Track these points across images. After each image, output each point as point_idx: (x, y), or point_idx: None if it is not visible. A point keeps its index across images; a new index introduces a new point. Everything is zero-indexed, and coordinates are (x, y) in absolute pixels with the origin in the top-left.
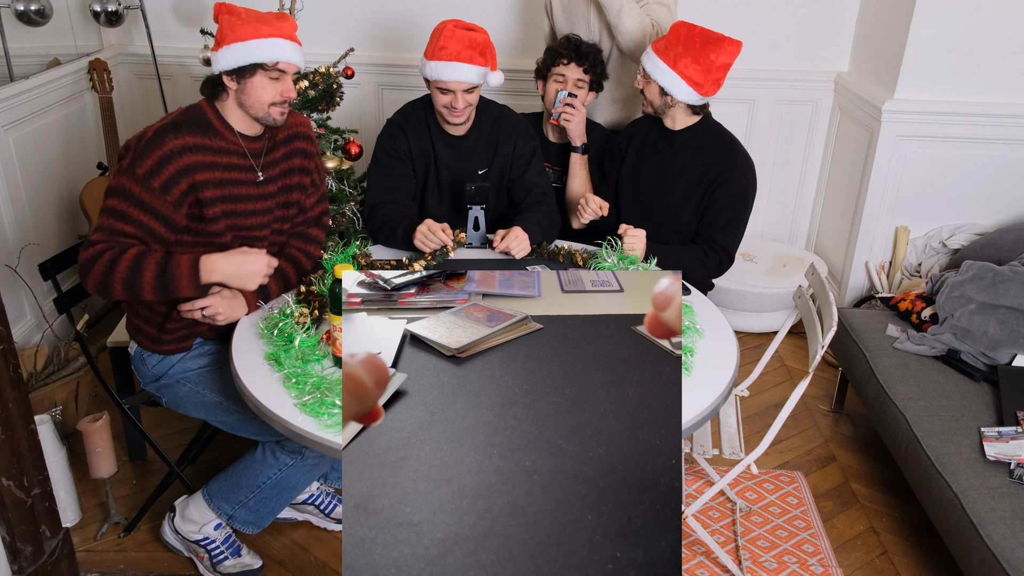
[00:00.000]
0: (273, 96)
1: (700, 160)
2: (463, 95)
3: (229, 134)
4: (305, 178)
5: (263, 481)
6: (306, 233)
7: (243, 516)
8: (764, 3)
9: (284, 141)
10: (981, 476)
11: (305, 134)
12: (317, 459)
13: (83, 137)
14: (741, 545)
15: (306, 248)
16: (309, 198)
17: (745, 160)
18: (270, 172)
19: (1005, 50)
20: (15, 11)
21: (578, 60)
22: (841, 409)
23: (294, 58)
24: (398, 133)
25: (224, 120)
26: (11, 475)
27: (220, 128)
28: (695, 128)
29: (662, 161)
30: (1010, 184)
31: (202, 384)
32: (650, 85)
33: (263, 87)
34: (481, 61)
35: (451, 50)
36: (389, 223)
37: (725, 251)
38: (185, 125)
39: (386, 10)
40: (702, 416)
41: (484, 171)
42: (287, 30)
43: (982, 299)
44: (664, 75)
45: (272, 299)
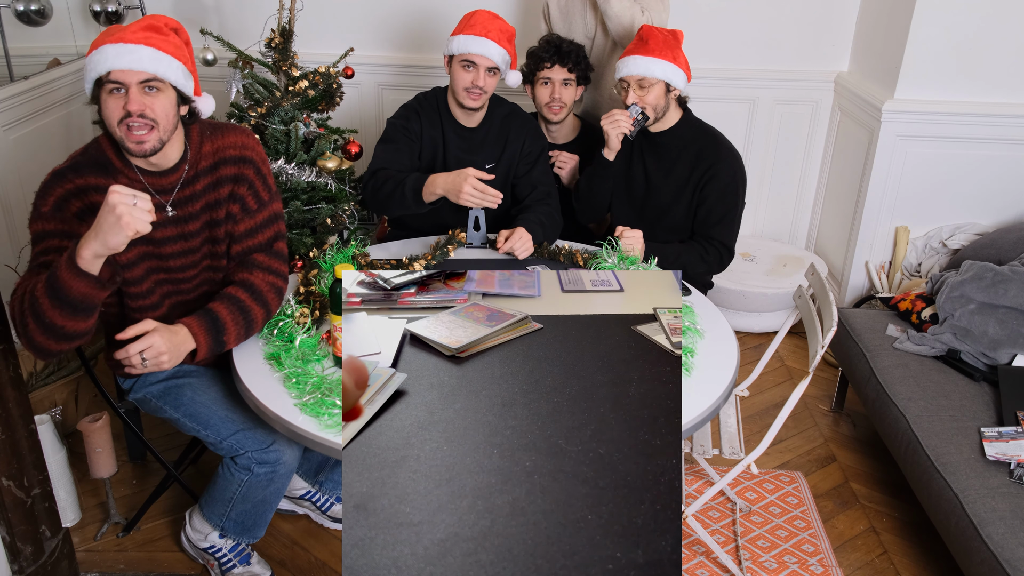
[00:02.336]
0: (117, 112)
1: (686, 159)
2: (485, 74)
3: (130, 172)
4: (234, 206)
5: (231, 496)
6: (252, 260)
7: (232, 527)
8: (764, 3)
9: (207, 170)
10: (981, 476)
11: (236, 157)
12: (270, 473)
13: (83, 137)
14: (741, 545)
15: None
16: (239, 224)
17: (730, 153)
18: (190, 208)
19: (1005, 50)
20: (15, 11)
21: (561, 61)
22: (841, 409)
23: (131, 64)
24: (412, 115)
25: (123, 156)
26: (11, 475)
27: (120, 167)
28: (678, 127)
29: (649, 164)
30: (1010, 184)
31: (163, 400)
32: (652, 89)
33: (105, 105)
34: (508, 47)
35: (481, 27)
36: (393, 179)
37: (724, 246)
38: (84, 166)
39: (386, 10)
40: (702, 416)
41: (492, 165)
42: (132, 35)
43: (982, 299)
44: (667, 71)
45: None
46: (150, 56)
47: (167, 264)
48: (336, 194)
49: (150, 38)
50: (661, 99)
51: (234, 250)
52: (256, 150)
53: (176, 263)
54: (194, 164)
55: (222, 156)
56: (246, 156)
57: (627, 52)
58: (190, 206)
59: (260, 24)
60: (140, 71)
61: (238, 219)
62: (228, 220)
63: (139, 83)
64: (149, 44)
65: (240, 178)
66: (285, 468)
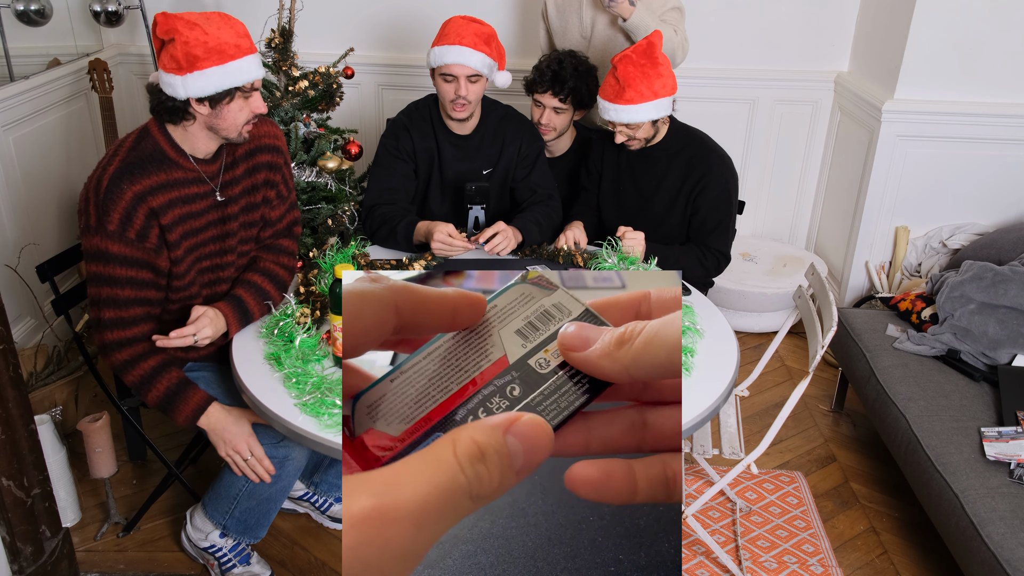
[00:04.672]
0: (248, 116)
1: (676, 169)
2: (467, 83)
3: (185, 162)
4: (270, 191)
5: (236, 493)
6: (277, 245)
7: (234, 526)
8: (764, 3)
9: (245, 156)
10: (981, 476)
11: (270, 146)
12: (278, 469)
13: (83, 137)
14: (741, 545)
15: (279, 260)
16: (275, 211)
17: (720, 159)
18: (230, 192)
19: (1005, 50)
20: (15, 11)
21: (554, 90)
22: (841, 409)
23: (260, 74)
24: (401, 132)
25: (178, 147)
26: (11, 475)
27: (175, 157)
28: (667, 138)
29: (639, 176)
30: (1010, 184)
31: None
32: (640, 128)
33: (240, 110)
34: (486, 50)
35: (455, 35)
36: (387, 222)
37: (721, 252)
38: (139, 165)
39: (386, 10)
40: (702, 416)
41: (489, 171)
42: (249, 41)
43: (982, 299)
44: (650, 111)
45: (255, 320)
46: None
47: (207, 249)
48: (336, 194)
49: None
50: (649, 131)
51: (265, 234)
52: (284, 141)
53: (215, 247)
54: (232, 151)
55: (259, 144)
56: (278, 146)
57: (606, 95)
58: (230, 190)
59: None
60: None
61: (273, 205)
62: (264, 204)
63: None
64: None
65: (274, 166)
66: (293, 465)
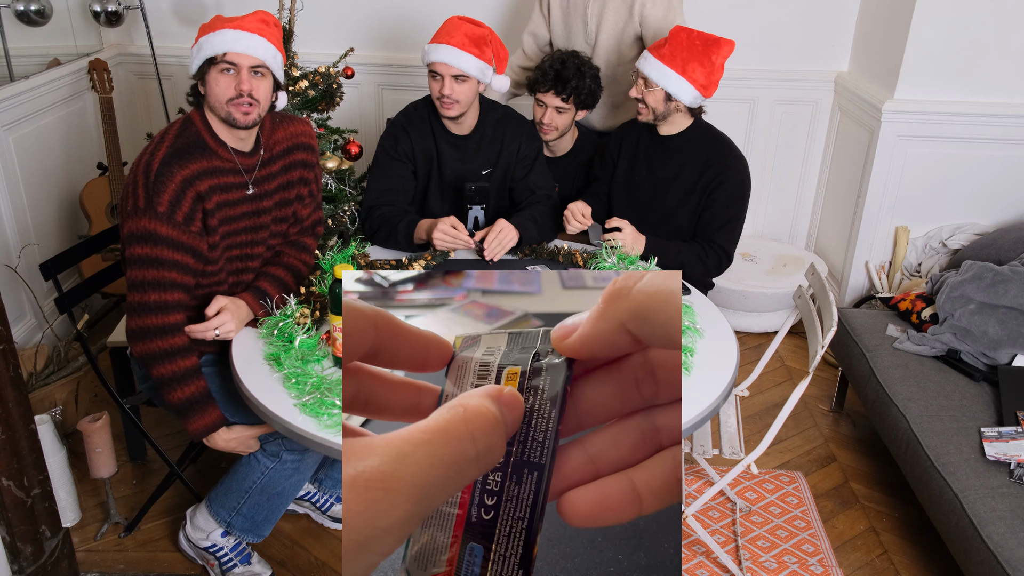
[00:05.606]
0: (227, 91)
1: (695, 164)
2: (451, 82)
3: (224, 151)
4: (304, 188)
5: (250, 486)
6: (301, 242)
7: (240, 524)
8: (764, 3)
9: (282, 153)
10: (981, 476)
11: (306, 144)
12: (296, 462)
13: (83, 137)
14: (741, 545)
15: (301, 256)
16: (306, 208)
17: (739, 161)
18: (265, 187)
19: (1005, 50)
20: (15, 11)
21: (557, 89)
22: (841, 409)
23: (247, 49)
24: (400, 133)
25: (216, 136)
26: (11, 475)
27: (215, 147)
28: (688, 131)
29: (656, 167)
30: (1010, 184)
31: None
32: (654, 92)
33: (216, 83)
34: (476, 52)
35: (445, 34)
36: (388, 222)
37: (724, 251)
38: (186, 151)
39: (386, 10)
40: (702, 416)
41: (488, 171)
42: (249, 24)
43: (982, 299)
44: (671, 81)
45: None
46: (263, 45)
47: (238, 240)
48: (336, 194)
49: (262, 29)
50: (660, 104)
51: (292, 231)
52: (316, 141)
53: (246, 237)
54: (269, 148)
55: (296, 142)
56: (312, 145)
57: (650, 47)
58: (266, 184)
59: None
60: (253, 57)
61: (305, 203)
62: (297, 201)
63: (250, 67)
64: (262, 35)
65: (308, 164)
66: (310, 460)
